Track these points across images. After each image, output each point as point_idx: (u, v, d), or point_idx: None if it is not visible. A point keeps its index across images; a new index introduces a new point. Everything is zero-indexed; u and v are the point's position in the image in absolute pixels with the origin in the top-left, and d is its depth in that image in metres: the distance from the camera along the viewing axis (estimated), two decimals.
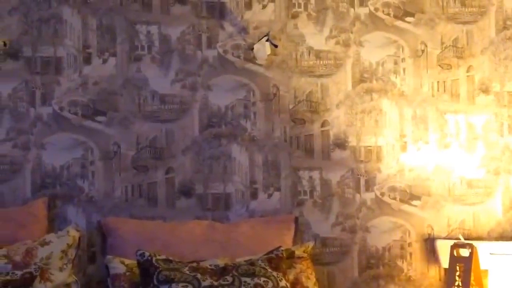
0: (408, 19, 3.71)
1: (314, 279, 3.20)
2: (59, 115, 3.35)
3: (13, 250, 2.91)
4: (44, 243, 2.97)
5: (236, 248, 3.23)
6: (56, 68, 3.36)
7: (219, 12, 3.53)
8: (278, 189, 3.56)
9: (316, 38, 3.62)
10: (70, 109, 3.36)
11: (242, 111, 3.54)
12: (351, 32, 3.65)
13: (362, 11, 3.67)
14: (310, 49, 3.61)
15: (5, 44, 3.27)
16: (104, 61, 3.41)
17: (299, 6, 3.61)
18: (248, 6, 3.56)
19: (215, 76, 3.52)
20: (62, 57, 3.37)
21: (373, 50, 3.67)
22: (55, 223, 3.29)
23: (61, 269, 2.96)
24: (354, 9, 3.66)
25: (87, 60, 3.39)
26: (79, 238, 3.10)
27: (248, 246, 3.25)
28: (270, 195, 3.55)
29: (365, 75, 3.66)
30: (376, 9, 3.68)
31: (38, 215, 3.19)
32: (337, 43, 3.64)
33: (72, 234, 3.05)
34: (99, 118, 3.39)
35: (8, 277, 2.72)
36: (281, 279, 2.93)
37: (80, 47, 3.38)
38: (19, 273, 2.77)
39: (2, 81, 3.29)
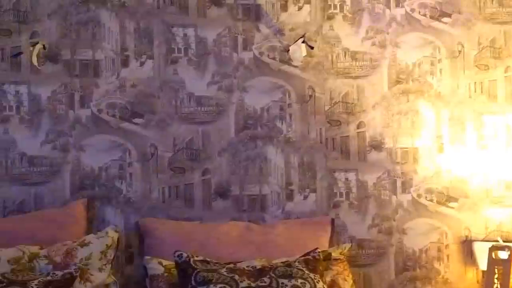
0: (445, 19, 3.69)
1: (351, 281, 3.19)
2: (97, 117, 3.39)
3: (54, 250, 2.96)
4: (83, 244, 3.01)
5: (272, 249, 3.24)
6: (94, 71, 3.40)
7: (255, 14, 3.55)
8: (314, 191, 3.56)
9: (352, 39, 3.61)
10: (108, 111, 3.40)
11: (277, 112, 3.55)
12: (387, 33, 3.64)
13: (398, 12, 3.65)
14: (346, 51, 3.61)
15: (44, 48, 3.31)
16: (142, 64, 3.44)
17: (335, 8, 3.61)
18: (284, 8, 3.57)
19: (251, 78, 3.53)
20: (100, 60, 3.40)
21: (410, 51, 3.65)
22: (94, 224, 3.32)
23: (100, 270, 3.00)
24: (390, 10, 3.65)
25: (125, 63, 3.42)
26: (118, 239, 3.13)
27: (284, 247, 3.25)
28: (306, 197, 3.56)
29: (401, 76, 3.65)
30: (412, 10, 3.66)
31: (77, 216, 3.23)
32: (373, 44, 3.63)
33: (111, 235, 3.08)
34: (137, 120, 3.42)
35: (49, 278, 2.76)
36: (318, 281, 2.93)
37: (118, 50, 3.42)
38: (59, 273, 2.80)
39: (42, 84, 3.33)
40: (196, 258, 2.95)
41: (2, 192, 3.27)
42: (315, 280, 2.92)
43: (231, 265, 2.98)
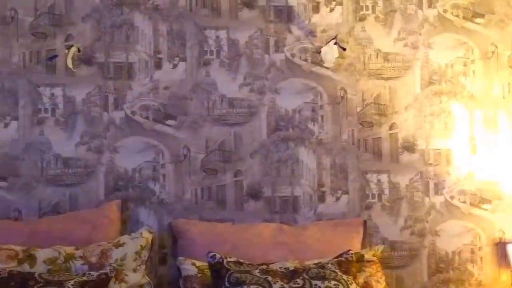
0: (478, 20, 3.66)
1: (384, 283, 3.18)
2: (131, 119, 3.42)
3: (89, 251, 2.99)
4: (118, 245, 3.04)
5: (304, 251, 3.24)
6: (128, 73, 3.43)
7: (287, 16, 3.55)
8: (346, 192, 3.56)
9: (384, 40, 3.61)
10: (142, 113, 3.43)
11: (309, 114, 3.55)
12: (420, 34, 3.63)
13: (431, 13, 3.64)
14: (378, 52, 3.60)
15: (79, 50, 3.35)
16: (174, 66, 3.46)
17: (367, 9, 3.60)
18: (316, 9, 3.57)
19: (283, 80, 3.54)
20: (134, 63, 3.44)
21: (442, 52, 3.63)
22: (128, 224, 3.35)
23: (134, 270, 3.02)
24: (423, 10, 3.63)
25: (158, 65, 3.45)
26: (152, 240, 3.16)
27: (317, 249, 3.25)
28: (338, 198, 3.55)
29: (434, 77, 3.63)
30: (445, 11, 3.64)
31: (112, 217, 3.26)
32: (405, 45, 3.62)
33: (145, 235, 3.11)
34: (170, 122, 3.45)
35: (84, 278, 2.79)
36: (352, 282, 2.93)
37: (151, 53, 3.45)
38: (95, 273, 2.83)
39: (77, 87, 3.37)
40: (229, 259, 2.97)
41: (38, 193, 3.31)
42: (348, 282, 2.92)
43: (264, 267, 2.99)
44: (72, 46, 3.33)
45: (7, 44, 3.32)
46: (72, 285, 2.72)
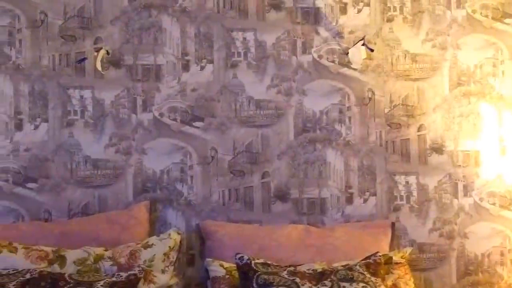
0: (507, 20, 3.63)
1: (413, 285, 3.16)
2: (159, 121, 3.44)
3: (118, 252, 3.01)
4: (147, 246, 3.06)
5: (332, 253, 3.23)
6: (156, 76, 3.45)
7: (314, 18, 3.55)
8: (374, 194, 3.55)
9: (412, 41, 3.59)
10: (170, 115, 3.45)
11: (337, 115, 3.55)
12: (448, 35, 3.60)
13: (459, 13, 3.61)
14: (406, 53, 3.58)
15: (108, 53, 3.38)
16: (202, 68, 3.48)
17: (395, 10, 3.59)
18: (343, 10, 3.56)
19: (310, 81, 3.54)
20: (161, 65, 3.45)
21: (471, 52, 3.61)
22: (156, 226, 3.37)
23: (163, 271, 3.04)
24: (451, 11, 3.61)
25: (186, 67, 3.47)
26: (180, 241, 3.17)
27: (345, 251, 3.24)
28: (365, 200, 3.54)
29: (463, 78, 3.60)
30: (474, 11, 3.61)
31: (140, 218, 3.28)
32: (434, 46, 3.59)
33: (173, 237, 3.12)
34: (197, 123, 3.46)
35: (114, 279, 2.81)
36: (380, 284, 2.92)
37: (179, 55, 3.46)
38: (124, 274, 2.85)
39: (105, 89, 3.40)
40: (257, 261, 2.97)
41: (67, 194, 3.35)
42: (377, 284, 2.91)
43: (292, 268, 2.99)
44: (101, 48, 3.36)
45: (37, 47, 3.36)
46: (102, 285, 2.75)
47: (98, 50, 3.36)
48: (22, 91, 3.35)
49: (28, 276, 2.76)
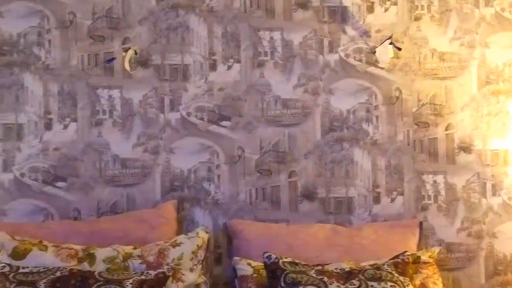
0: None
1: (441, 285, 3.14)
2: (186, 121, 3.45)
3: (147, 250, 3.03)
4: (175, 244, 3.07)
5: (359, 252, 3.23)
6: (183, 75, 3.47)
7: (341, 16, 3.54)
8: (402, 193, 3.53)
9: (439, 40, 3.57)
10: (197, 114, 3.46)
11: (364, 114, 3.54)
12: (476, 33, 3.58)
13: (488, 12, 3.59)
14: (433, 51, 3.56)
15: (136, 53, 3.40)
16: (229, 68, 3.49)
17: (422, 8, 3.57)
18: (370, 9, 3.55)
19: (337, 80, 3.53)
20: (189, 64, 3.47)
21: (500, 51, 3.58)
22: (183, 224, 3.39)
23: (191, 270, 3.05)
24: (479, 9, 3.58)
25: (213, 67, 3.48)
26: (208, 240, 3.18)
27: (372, 250, 3.23)
28: (393, 200, 3.53)
29: (491, 77, 3.58)
30: (503, 9, 3.59)
31: (168, 217, 3.30)
32: (462, 44, 3.57)
33: (201, 235, 3.14)
34: (224, 123, 3.47)
35: (143, 277, 2.83)
36: (408, 284, 2.91)
37: (206, 54, 3.48)
38: (153, 273, 2.86)
39: (134, 88, 3.42)
40: (284, 260, 2.97)
41: (96, 193, 3.37)
42: (405, 283, 2.90)
43: (319, 267, 2.99)
44: (129, 48, 3.38)
45: (66, 47, 3.39)
46: (131, 283, 2.77)
47: (126, 50, 3.38)
48: (52, 91, 3.38)
49: (58, 274, 2.79)
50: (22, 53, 3.37)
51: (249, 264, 3.12)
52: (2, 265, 2.84)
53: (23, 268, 2.84)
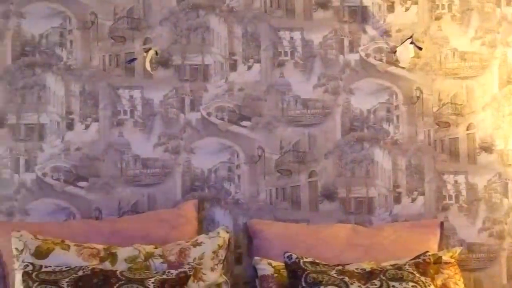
0: None
1: (462, 286, 3.13)
2: (206, 121, 3.46)
3: (168, 250, 3.04)
4: (196, 244, 3.08)
5: (380, 252, 3.22)
6: (204, 75, 3.48)
7: (361, 16, 3.54)
8: (422, 193, 3.52)
9: (460, 39, 3.55)
10: (217, 114, 3.47)
11: (384, 114, 3.53)
12: (498, 33, 3.56)
13: (509, 11, 3.57)
14: (454, 51, 3.55)
15: (156, 53, 3.41)
16: (249, 68, 3.49)
17: (443, 8, 3.56)
18: (391, 9, 3.55)
19: (357, 80, 3.53)
20: (209, 65, 3.48)
21: None
22: (204, 224, 3.40)
23: (212, 269, 3.06)
24: (501, 8, 3.57)
25: (233, 67, 3.49)
26: (229, 239, 3.19)
27: (393, 250, 3.23)
28: (414, 200, 3.52)
29: None
30: None
31: (189, 216, 3.31)
32: (483, 44, 3.56)
33: (222, 235, 3.14)
34: (244, 123, 3.48)
35: (164, 276, 2.84)
36: (430, 284, 2.90)
37: (227, 55, 3.48)
38: (174, 272, 2.87)
39: (154, 89, 3.44)
40: (305, 260, 2.98)
41: (117, 193, 3.39)
42: (426, 284, 2.89)
43: (340, 267, 2.98)
44: (150, 49, 3.39)
45: (87, 48, 3.42)
46: (153, 283, 2.78)
47: (147, 51, 3.40)
48: (73, 91, 3.41)
49: (80, 273, 2.80)
50: (44, 54, 3.39)
51: (269, 264, 3.13)
52: (25, 264, 2.86)
53: (46, 267, 2.85)
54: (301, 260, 2.96)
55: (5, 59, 3.37)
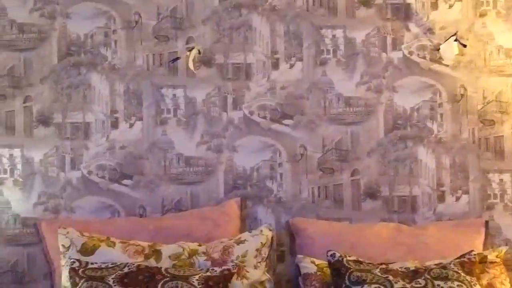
0: None
1: (509, 285, 3.09)
2: (249, 119, 3.47)
3: (211, 247, 3.06)
4: (239, 242, 3.10)
5: (424, 251, 3.19)
6: (246, 74, 3.49)
7: (404, 14, 3.51)
8: (467, 192, 3.48)
9: (506, 36, 3.50)
10: (259, 113, 3.48)
11: (428, 112, 3.50)
12: None
13: None
14: (499, 48, 3.50)
15: (199, 52, 3.43)
16: (291, 66, 3.49)
17: (487, 4, 3.51)
18: (434, 6, 3.51)
19: (400, 78, 3.51)
20: (251, 63, 3.49)
21: None
22: (246, 222, 3.41)
23: (255, 267, 3.07)
24: None
25: (275, 66, 3.49)
26: (272, 237, 3.20)
27: (437, 249, 3.20)
28: (458, 198, 3.49)
29: None
30: None
31: (232, 214, 3.32)
32: None
33: (265, 233, 3.15)
34: (287, 121, 3.48)
35: (208, 273, 2.86)
36: (475, 283, 2.87)
37: (269, 53, 3.49)
38: (218, 269, 2.89)
39: (197, 88, 3.46)
40: (349, 258, 2.97)
41: (161, 191, 3.42)
42: (472, 283, 2.86)
43: (384, 266, 2.97)
44: (193, 48, 3.41)
45: (131, 47, 3.45)
46: (197, 280, 2.80)
47: (190, 50, 3.42)
48: (118, 91, 3.45)
49: (126, 269, 2.84)
50: (89, 54, 3.44)
51: (312, 262, 3.13)
52: (71, 260, 2.91)
53: (92, 263, 2.89)
54: (345, 259, 2.95)
55: (51, 59, 3.43)
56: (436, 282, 2.83)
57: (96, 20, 3.45)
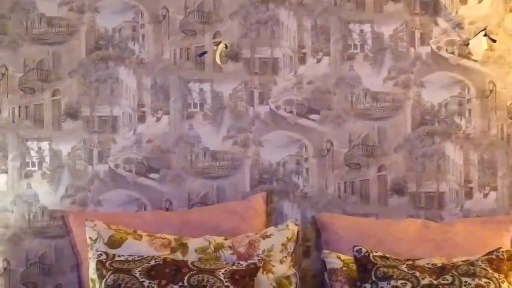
0: None
1: None
2: (275, 114, 3.47)
3: (237, 241, 3.07)
4: (265, 236, 3.10)
5: (451, 248, 3.17)
6: (273, 69, 3.48)
7: (433, 8, 3.48)
8: (495, 189, 3.45)
9: None
10: (286, 107, 3.47)
11: (456, 108, 3.47)
12: None
13: None
14: None
15: (226, 47, 3.44)
16: (318, 61, 3.48)
17: None
18: (463, 1, 3.48)
19: (429, 73, 3.48)
20: (278, 58, 3.48)
21: None
22: (272, 217, 3.41)
23: (281, 262, 3.07)
24: None
25: (302, 60, 3.48)
26: (297, 232, 3.19)
27: (464, 246, 3.18)
28: (486, 195, 3.45)
29: None
30: None
31: (258, 209, 3.33)
32: None
33: (291, 228, 3.15)
34: (313, 116, 3.47)
35: (234, 267, 2.87)
36: (503, 281, 2.85)
37: (296, 48, 3.48)
38: (244, 263, 2.90)
39: (224, 82, 3.46)
40: (375, 254, 2.96)
41: (187, 185, 3.43)
42: (500, 280, 2.83)
43: (410, 262, 2.96)
44: (220, 42, 3.42)
45: (159, 41, 3.46)
46: (223, 273, 2.81)
47: (217, 44, 3.42)
48: (145, 85, 3.46)
49: (152, 262, 2.86)
50: (117, 48, 3.46)
51: (338, 258, 3.12)
52: (99, 253, 2.93)
53: (119, 256, 2.92)
54: (371, 254, 2.94)
55: (80, 53, 3.45)
56: (464, 279, 2.81)
57: (124, 14, 3.46)
